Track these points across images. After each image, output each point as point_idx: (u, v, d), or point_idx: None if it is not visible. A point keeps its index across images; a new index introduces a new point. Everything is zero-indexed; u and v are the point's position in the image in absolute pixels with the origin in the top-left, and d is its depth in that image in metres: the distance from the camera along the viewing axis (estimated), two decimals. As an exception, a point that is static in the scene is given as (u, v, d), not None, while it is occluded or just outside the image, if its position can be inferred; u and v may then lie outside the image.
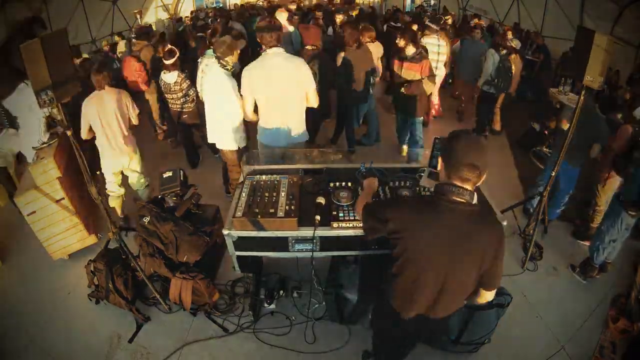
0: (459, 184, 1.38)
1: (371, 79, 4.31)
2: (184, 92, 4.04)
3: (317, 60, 3.82)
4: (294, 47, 4.65)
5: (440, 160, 1.45)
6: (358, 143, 4.99)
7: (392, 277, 1.60)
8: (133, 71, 4.92)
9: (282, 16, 4.72)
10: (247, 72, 2.67)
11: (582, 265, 3.13)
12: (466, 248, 1.41)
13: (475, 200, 1.40)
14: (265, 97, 2.72)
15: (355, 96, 4.26)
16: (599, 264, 3.04)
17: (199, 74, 3.92)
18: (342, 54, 4.03)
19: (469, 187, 1.38)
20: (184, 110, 4.24)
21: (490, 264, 1.44)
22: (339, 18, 5.86)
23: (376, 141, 5.10)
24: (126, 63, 5.11)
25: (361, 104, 4.50)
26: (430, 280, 1.49)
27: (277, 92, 2.67)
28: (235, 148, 3.27)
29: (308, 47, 3.89)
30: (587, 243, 3.44)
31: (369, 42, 4.40)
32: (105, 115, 3.13)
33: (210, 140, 3.38)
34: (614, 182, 3.28)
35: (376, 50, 4.52)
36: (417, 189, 2.24)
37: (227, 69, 3.05)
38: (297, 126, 2.86)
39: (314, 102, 2.82)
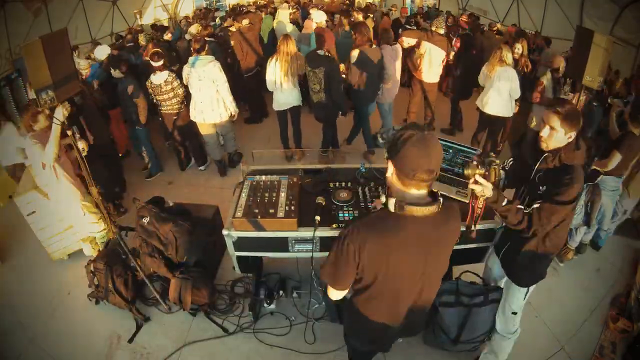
0: (415, 191, 1.27)
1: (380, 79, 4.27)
2: (174, 91, 3.98)
3: (324, 67, 3.77)
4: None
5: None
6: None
7: (366, 300, 1.47)
8: None
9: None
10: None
11: None
12: (438, 249, 1.38)
13: (435, 198, 1.29)
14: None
15: (366, 95, 4.25)
16: (575, 247, 3.09)
17: (185, 74, 3.93)
18: (357, 51, 3.96)
19: (425, 189, 1.29)
20: (181, 112, 4.11)
21: (456, 241, 1.44)
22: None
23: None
24: None
25: (371, 104, 4.49)
26: (409, 290, 1.44)
27: None
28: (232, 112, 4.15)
29: (319, 51, 3.83)
30: None
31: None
32: None
33: (208, 120, 4.01)
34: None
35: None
36: None
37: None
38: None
39: None
